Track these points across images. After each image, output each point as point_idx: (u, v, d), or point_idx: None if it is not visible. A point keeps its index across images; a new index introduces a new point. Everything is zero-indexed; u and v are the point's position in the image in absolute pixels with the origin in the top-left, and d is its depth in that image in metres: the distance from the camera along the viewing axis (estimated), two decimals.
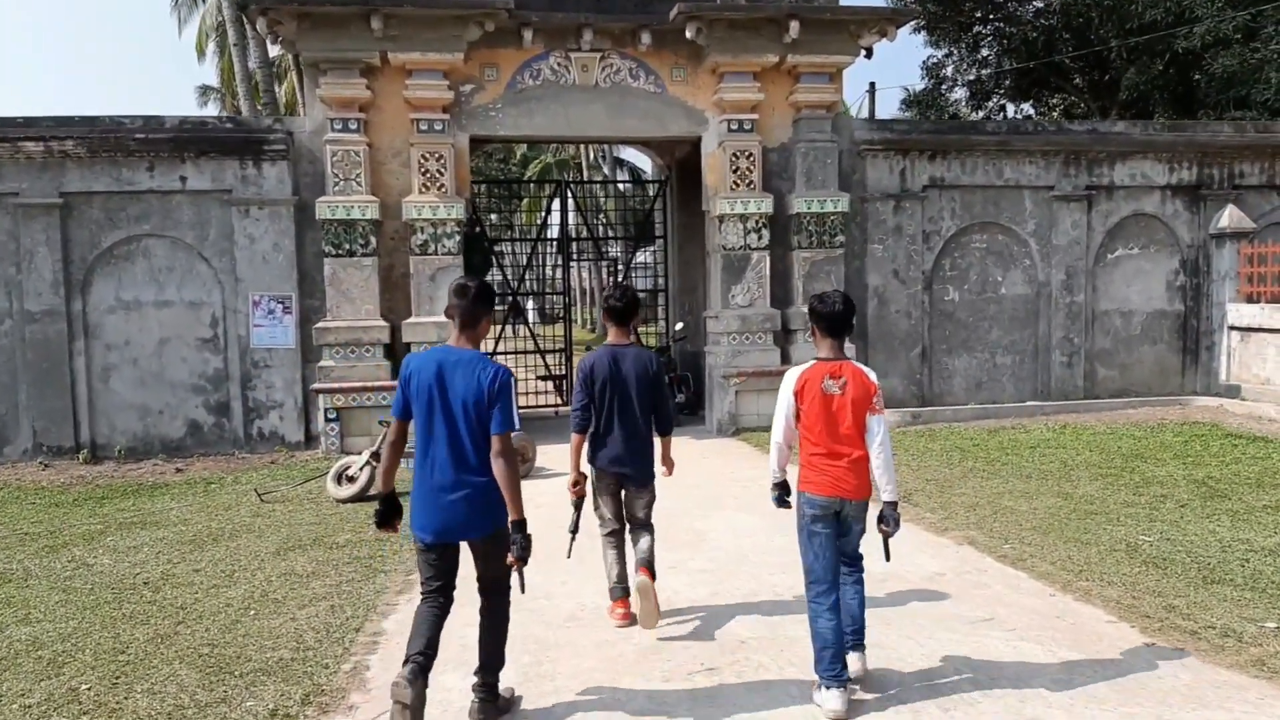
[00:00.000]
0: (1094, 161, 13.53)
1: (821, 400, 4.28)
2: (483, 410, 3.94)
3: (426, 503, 4.01)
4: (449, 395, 3.95)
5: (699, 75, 12.34)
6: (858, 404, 4.28)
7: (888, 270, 13.05)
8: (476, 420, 3.95)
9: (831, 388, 4.28)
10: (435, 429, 3.98)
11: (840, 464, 4.28)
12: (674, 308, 15.71)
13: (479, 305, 4.09)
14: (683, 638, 5.17)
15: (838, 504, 4.31)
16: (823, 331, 4.41)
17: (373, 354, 11.51)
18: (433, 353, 4.08)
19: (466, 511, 3.96)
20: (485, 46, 11.67)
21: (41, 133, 11.05)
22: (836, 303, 4.40)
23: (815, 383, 4.31)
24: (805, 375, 4.37)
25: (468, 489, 3.95)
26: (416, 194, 11.62)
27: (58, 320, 11.32)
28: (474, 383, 3.94)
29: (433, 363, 4.01)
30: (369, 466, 8.88)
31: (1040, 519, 7.44)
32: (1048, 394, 13.55)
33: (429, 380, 3.98)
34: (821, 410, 4.28)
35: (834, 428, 4.28)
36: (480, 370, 3.96)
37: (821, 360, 4.41)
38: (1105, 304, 13.82)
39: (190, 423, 11.74)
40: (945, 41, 24.74)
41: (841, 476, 4.28)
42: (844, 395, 4.28)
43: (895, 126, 13.90)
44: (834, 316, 4.37)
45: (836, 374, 4.31)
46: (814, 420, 4.31)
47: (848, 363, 4.40)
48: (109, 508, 9.05)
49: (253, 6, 11.15)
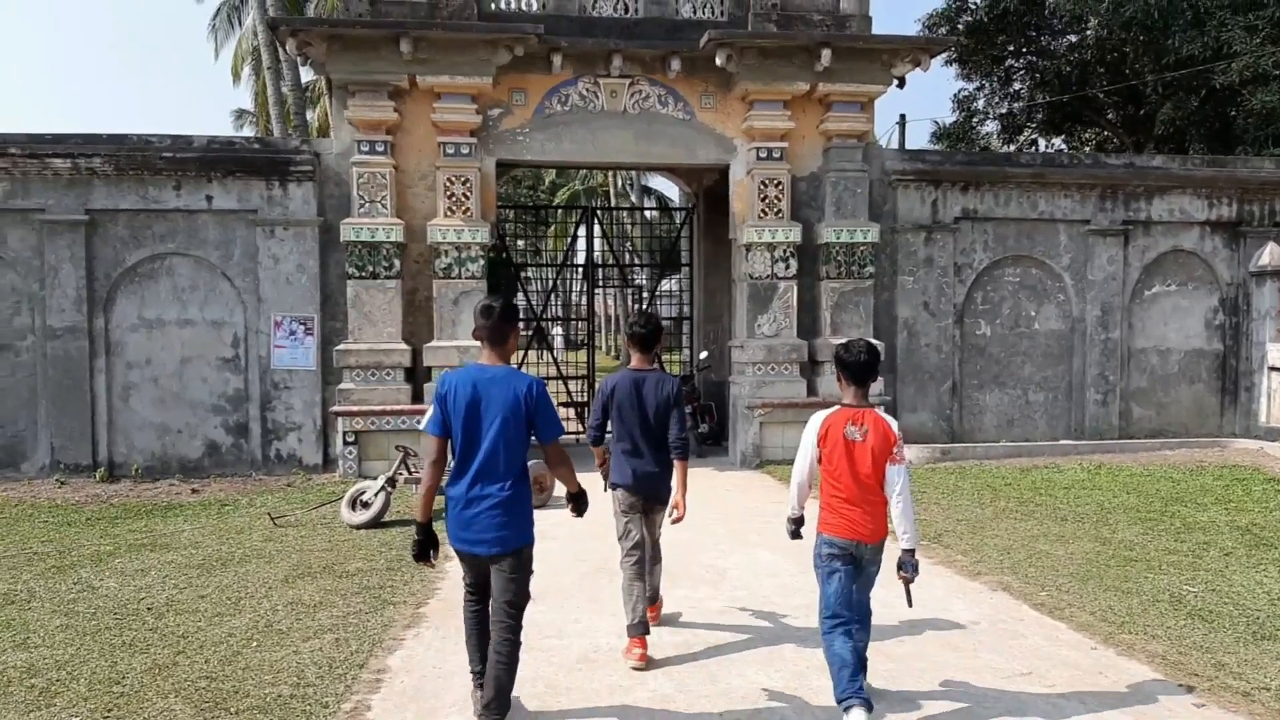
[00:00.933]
0: (1131, 196, 13.23)
1: (844, 446, 4.41)
2: (520, 421, 4.10)
3: (460, 512, 4.14)
4: (486, 409, 4.09)
5: (728, 102, 12.20)
6: (878, 452, 4.39)
7: (918, 302, 12.79)
8: (514, 431, 4.10)
9: (853, 434, 4.41)
10: (471, 443, 4.11)
11: (857, 509, 4.41)
12: (698, 336, 15.50)
13: (505, 323, 4.21)
14: (700, 685, 4.92)
15: (854, 546, 4.44)
16: (847, 379, 4.54)
17: (393, 377, 11.37)
18: (467, 370, 4.20)
19: (490, 524, 4.07)
20: (514, 71, 11.60)
21: (69, 150, 11.07)
22: (861, 352, 4.50)
23: (838, 428, 4.45)
24: (829, 420, 4.50)
25: (493, 500, 4.06)
26: (441, 217, 11.53)
27: (79, 337, 11.29)
28: (511, 395, 4.09)
29: (469, 380, 4.14)
30: (384, 492, 8.70)
31: (1078, 565, 7.12)
32: (1082, 433, 13.19)
33: (466, 397, 4.10)
34: (843, 456, 4.41)
35: (854, 473, 4.40)
36: (516, 383, 4.13)
37: (846, 406, 4.53)
38: (1142, 341, 13.46)
39: (208, 443, 11.64)
40: (977, 74, 24.55)
41: (858, 520, 4.40)
42: (865, 442, 4.40)
43: (927, 157, 13.68)
44: (857, 365, 4.49)
45: (859, 421, 4.43)
46: (835, 465, 4.44)
47: (870, 410, 4.51)
48: (121, 528, 8.91)
49: (283, 28, 11.15)
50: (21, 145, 10.99)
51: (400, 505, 9.41)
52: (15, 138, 11.08)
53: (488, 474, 4.08)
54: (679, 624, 5.86)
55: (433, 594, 6.42)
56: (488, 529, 4.06)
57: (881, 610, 5.68)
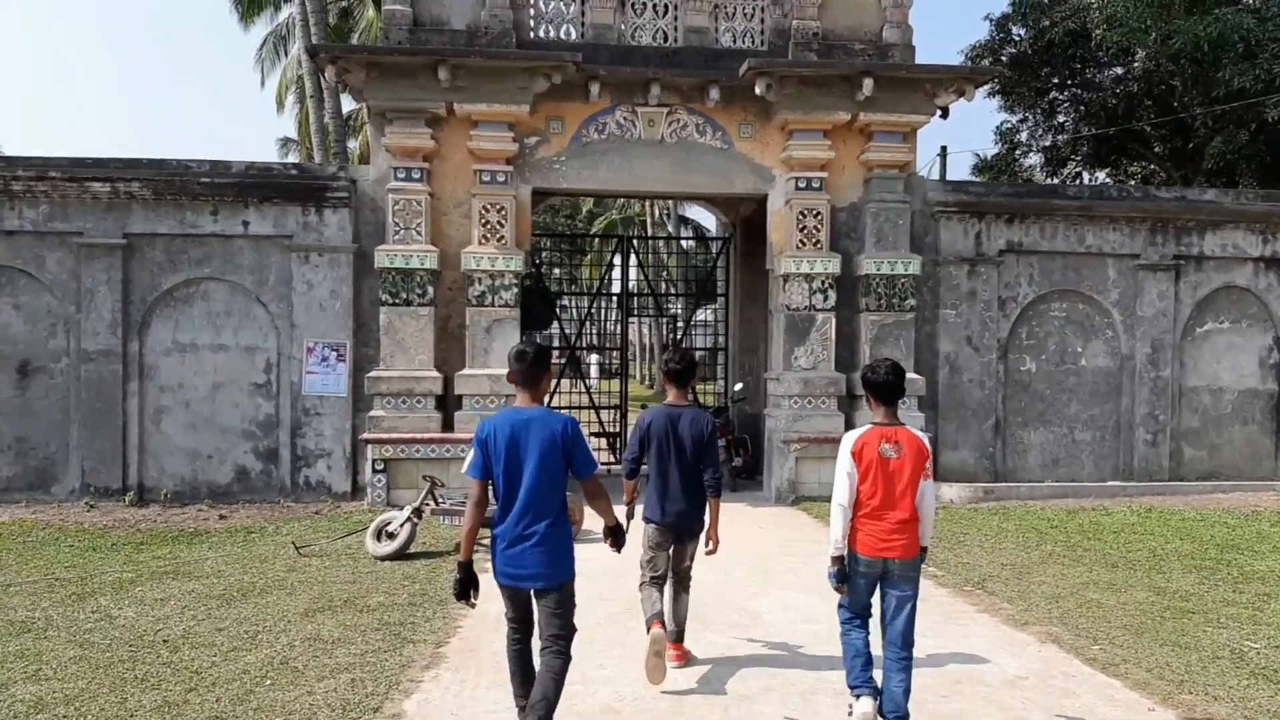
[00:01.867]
0: (1182, 230, 12.85)
1: (879, 463, 4.49)
2: (558, 460, 4.27)
3: (505, 550, 4.29)
4: (524, 451, 4.26)
5: (767, 132, 12.04)
6: (914, 467, 4.50)
7: (960, 337, 12.46)
8: (552, 470, 4.27)
9: (889, 452, 4.50)
10: (513, 483, 4.26)
11: (889, 523, 4.47)
12: (734, 367, 15.26)
13: (537, 368, 4.41)
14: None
15: (881, 563, 4.50)
16: (875, 399, 4.67)
17: (424, 405, 11.25)
18: (504, 415, 4.38)
19: (535, 559, 4.23)
20: (551, 99, 11.54)
21: (109, 174, 11.15)
22: (886, 371, 4.64)
23: (873, 446, 4.52)
24: (863, 439, 4.57)
25: (537, 536, 4.22)
26: (476, 245, 11.45)
27: (113, 360, 11.30)
28: (548, 435, 4.26)
29: (506, 424, 4.31)
30: (410, 523, 8.53)
31: (1131, 616, 6.75)
32: (1130, 474, 12.73)
33: (505, 440, 4.27)
34: (879, 473, 4.48)
35: (890, 490, 4.48)
36: (552, 423, 4.32)
37: (877, 424, 4.62)
38: (1193, 380, 13.02)
39: (238, 468, 11.58)
40: (1020, 107, 24.24)
41: (889, 536, 4.47)
42: (900, 459, 4.49)
43: (970, 188, 13.40)
44: (882, 385, 4.63)
45: (892, 438, 4.53)
46: (871, 482, 4.49)
47: (903, 428, 4.61)
48: (145, 554, 8.82)
49: (323, 55, 11.19)
50: (62, 169, 11.09)
51: (426, 537, 9.23)
52: (57, 162, 11.19)
53: (531, 512, 4.24)
54: (708, 668, 5.59)
55: (454, 633, 6.21)
56: (533, 565, 4.23)
57: (924, 660, 5.40)
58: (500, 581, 4.34)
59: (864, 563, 4.51)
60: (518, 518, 4.24)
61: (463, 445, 11.15)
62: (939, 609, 6.89)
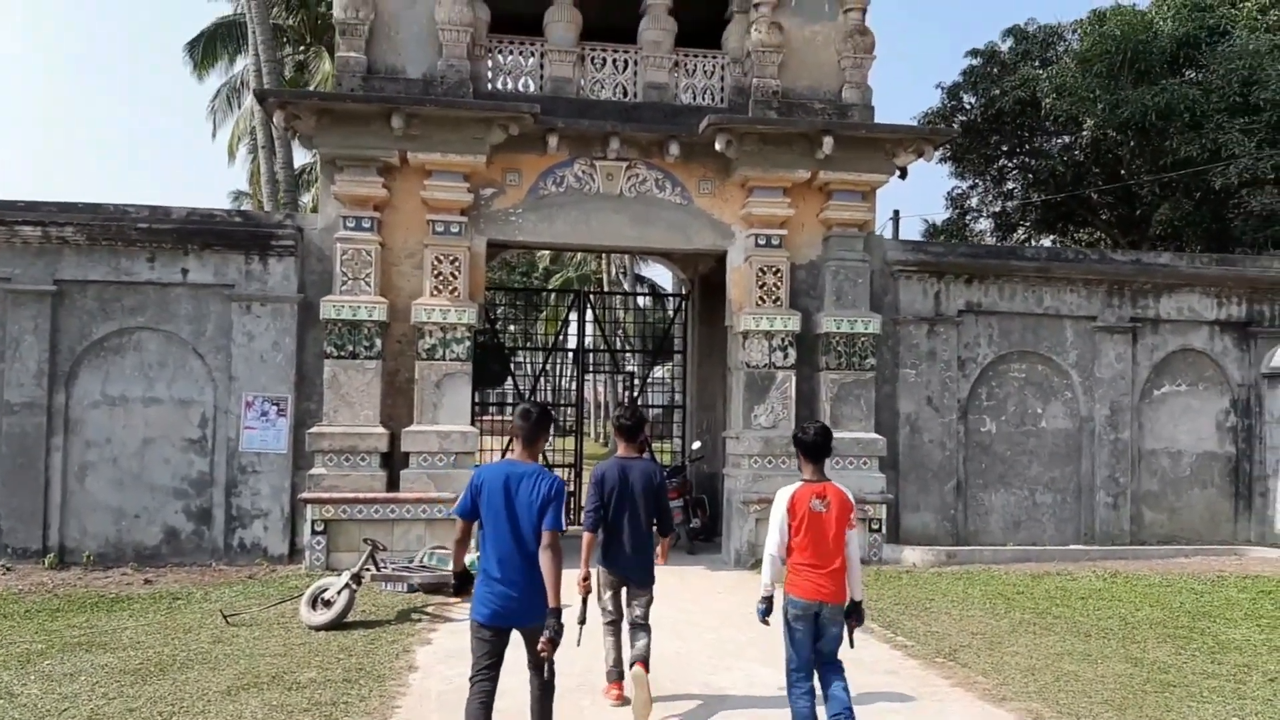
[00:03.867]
0: (1138, 293, 12.90)
1: (810, 517, 4.95)
2: (542, 512, 4.57)
3: (490, 591, 4.61)
4: (515, 502, 4.60)
5: (727, 188, 11.90)
6: (840, 520, 4.99)
7: (921, 397, 12.29)
8: (538, 521, 4.57)
9: (818, 506, 4.97)
10: (501, 530, 4.60)
11: (823, 573, 4.93)
12: (690, 425, 14.93)
13: (539, 428, 4.81)
14: None
15: (816, 606, 4.96)
16: (805, 457, 5.12)
17: (368, 463, 10.73)
18: (500, 466, 4.78)
19: (520, 601, 4.57)
20: (508, 150, 11.29)
21: (41, 217, 10.62)
22: (815, 432, 5.15)
23: (803, 502, 4.99)
24: (795, 495, 5.02)
25: (523, 581, 4.57)
26: (428, 296, 11.06)
27: (37, 413, 10.66)
28: (536, 491, 4.60)
29: (501, 474, 4.68)
30: (348, 590, 7.98)
31: (1111, 690, 6.43)
32: (1092, 537, 12.57)
33: (498, 489, 4.63)
34: (810, 526, 4.95)
35: (820, 541, 4.95)
36: (541, 480, 4.66)
37: (807, 482, 5.07)
38: (1152, 443, 12.96)
39: (167, 529, 10.92)
40: (970, 173, 24.62)
41: (822, 583, 4.93)
42: (829, 513, 4.97)
43: (929, 248, 13.38)
44: (811, 444, 5.11)
45: (821, 494, 5.01)
46: (803, 535, 4.95)
47: (830, 484, 5.09)
48: (60, 623, 8.15)
49: (271, 100, 10.85)
50: None
51: (366, 604, 8.68)
52: None
53: (518, 555, 4.58)
54: None
55: (392, 713, 5.71)
56: (522, 604, 4.57)
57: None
58: (480, 621, 4.61)
59: (801, 606, 4.95)
60: (503, 561, 4.58)
61: (408, 506, 10.65)
62: (911, 683, 6.53)
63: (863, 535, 11.53)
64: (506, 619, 4.61)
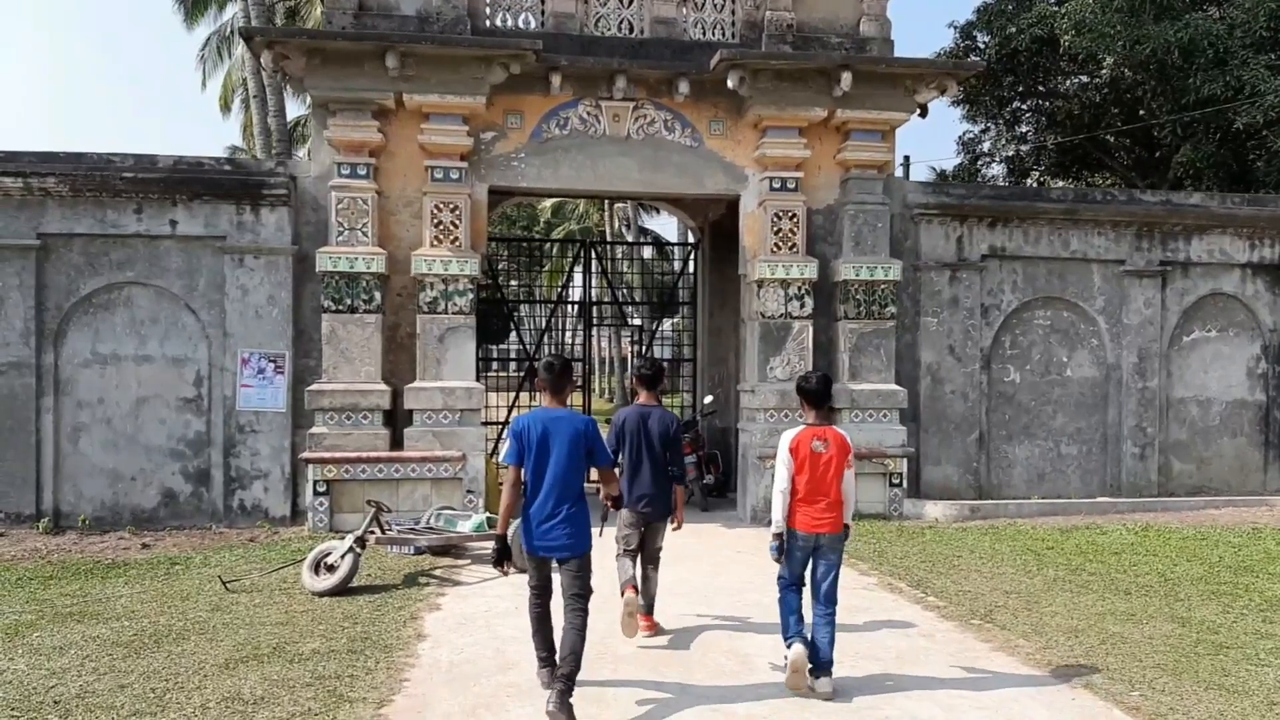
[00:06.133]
0: (1168, 235, 12.38)
1: (811, 458, 5.35)
2: (580, 451, 5.12)
3: (537, 526, 5.11)
4: (554, 443, 5.08)
5: (739, 129, 11.33)
6: (839, 460, 5.38)
7: (943, 346, 11.83)
8: (576, 459, 5.11)
9: (819, 447, 5.37)
10: (544, 470, 5.08)
11: (820, 506, 5.35)
12: (702, 379, 14.50)
13: (563, 377, 5.32)
14: None
15: (814, 539, 5.38)
16: (808, 404, 5.53)
17: (370, 420, 10.33)
18: (536, 414, 5.23)
19: (564, 534, 5.06)
20: (509, 91, 10.72)
21: (21, 168, 10.09)
22: (815, 380, 5.56)
23: (806, 444, 5.38)
24: (798, 437, 5.41)
25: (565, 516, 5.06)
26: (428, 247, 10.57)
27: (26, 374, 10.23)
28: (572, 431, 5.12)
29: (539, 421, 5.15)
30: (352, 554, 7.60)
31: (1162, 652, 6.06)
32: (1118, 489, 12.18)
33: (538, 433, 5.10)
34: (811, 466, 5.34)
35: (820, 479, 5.34)
36: (575, 422, 5.18)
37: (809, 425, 5.47)
38: (1181, 391, 12.52)
39: (165, 491, 10.55)
40: (983, 116, 23.92)
41: (820, 516, 5.35)
42: (829, 453, 5.37)
43: (952, 190, 12.81)
44: (813, 392, 5.52)
45: (822, 436, 5.40)
46: (806, 473, 5.34)
47: (830, 427, 5.50)
48: (53, 591, 7.79)
49: (258, 39, 10.26)
50: None
51: (372, 568, 8.32)
52: None
53: (558, 494, 5.05)
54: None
55: (399, 688, 5.33)
56: (561, 538, 5.04)
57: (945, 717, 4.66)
58: (529, 553, 5.16)
59: (801, 538, 5.36)
60: (546, 499, 5.05)
61: (413, 465, 10.27)
62: (951, 648, 6.16)
63: (884, 489, 11.17)
64: (549, 551, 5.08)
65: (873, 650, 6.10)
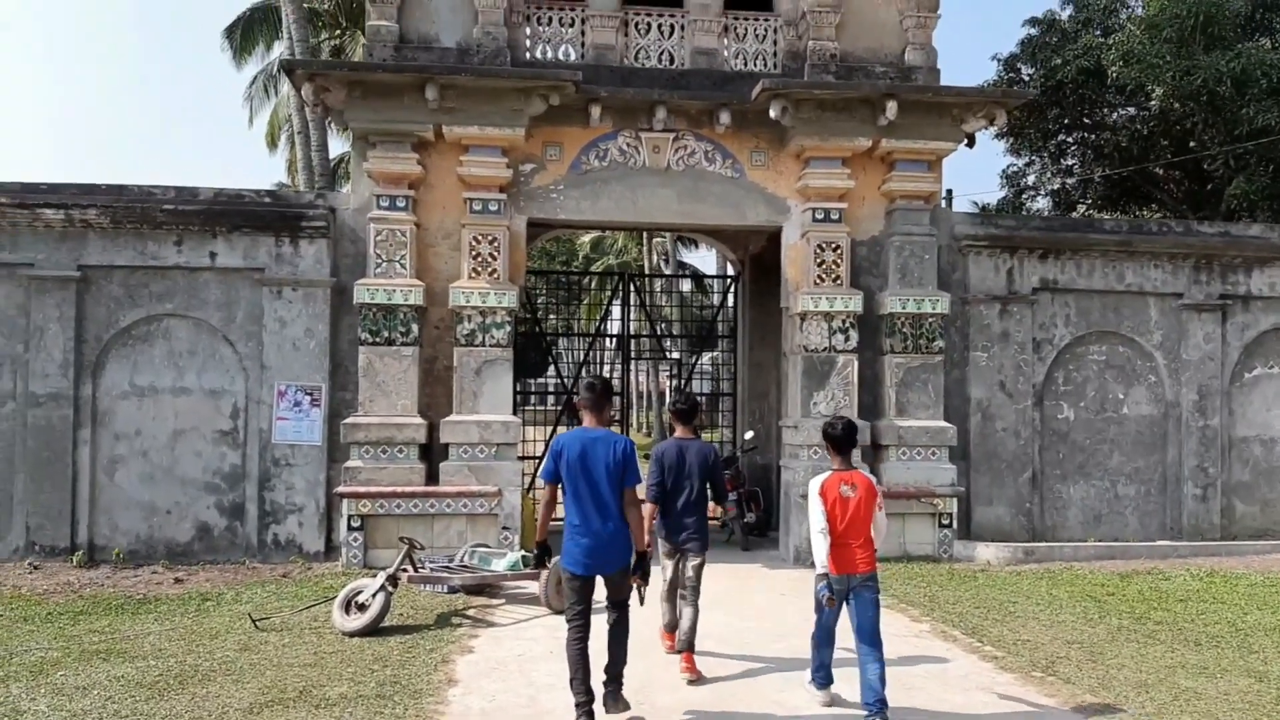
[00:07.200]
0: (1227, 268, 11.94)
1: (841, 502, 5.47)
2: (617, 470, 5.24)
3: (576, 545, 5.25)
4: (592, 462, 5.21)
5: (781, 160, 11.14)
6: (867, 504, 5.51)
7: (993, 381, 11.45)
8: (615, 478, 5.24)
9: (847, 492, 5.50)
10: (582, 489, 5.22)
11: (852, 547, 5.46)
12: (742, 414, 14.21)
13: (603, 397, 5.46)
14: None
15: (847, 580, 5.46)
16: (834, 449, 5.71)
17: (406, 454, 10.17)
18: (576, 433, 5.35)
19: (605, 551, 5.24)
20: (548, 123, 10.63)
21: (63, 200, 10.16)
22: (841, 427, 5.70)
23: (834, 489, 5.51)
24: (826, 483, 5.55)
25: (606, 534, 5.22)
26: (466, 279, 10.46)
27: (64, 405, 10.22)
28: (610, 451, 5.26)
29: (578, 441, 5.27)
30: (384, 592, 7.39)
31: (1239, 711, 5.65)
32: (1179, 531, 11.66)
33: (577, 453, 5.23)
34: (841, 509, 5.46)
35: (850, 522, 5.45)
36: (614, 442, 5.31)
37: (836, 470, 5.61)
38: (1243, 430, 12.01)
39: (199, 525, 10.45)
40: (1026, 149, 23.53)
41: (852, 558, 5.46)
42: (856, 496, 5.49)
43: (1001, 222, 12.49)
44: (839, 438, 5.67)
45: (849, 481, 5.54)
46: (835, 517, 5.45)
47: (857, 471, 5.67)
48: (81, 627, 7.66)
49: (299, 71, 10.28)
50: (11, 194, 10.10)
51: (404, 607, 8.10)
52: (6, 187, 10.18)
53: (598, 511, 5.21)
54: None
55: None
56: (605, 554, 5.24)
57: None
58: (572, 570, 5.23)
59: (836, 580, 5.42)
60: (587, 516, 5.21)
61: (448, 500, 10.07)
62: (1012, 704, 5.78)
63: (933, 530, 10.77)
64: (590, 568, 5.21)
65: (929, 704, 5.74)
